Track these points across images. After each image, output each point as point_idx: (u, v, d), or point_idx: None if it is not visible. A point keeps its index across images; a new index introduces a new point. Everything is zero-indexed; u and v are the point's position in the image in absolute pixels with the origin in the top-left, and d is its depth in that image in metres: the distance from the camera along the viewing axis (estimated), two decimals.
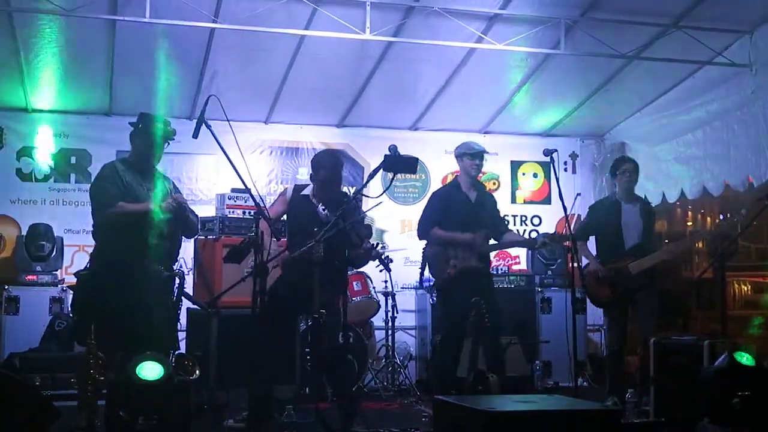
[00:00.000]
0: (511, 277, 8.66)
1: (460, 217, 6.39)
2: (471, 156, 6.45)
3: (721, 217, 6.24)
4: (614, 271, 6.59)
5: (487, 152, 6.58)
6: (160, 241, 5.24)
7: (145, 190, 5.32)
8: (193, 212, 5.64)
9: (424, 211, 6.62)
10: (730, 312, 8.03)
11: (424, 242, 6.54)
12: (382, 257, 5.75)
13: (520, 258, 9.25)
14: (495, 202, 6.73)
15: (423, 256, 6.56)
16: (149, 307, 5.13)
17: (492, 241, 6.48)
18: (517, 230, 8.97)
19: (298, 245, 5.44)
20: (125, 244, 5.18)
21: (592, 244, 7.05)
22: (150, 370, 4.53)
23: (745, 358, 5.19)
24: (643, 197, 7.29)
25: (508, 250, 8.86)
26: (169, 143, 5.51)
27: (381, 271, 6.28)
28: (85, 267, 5.56)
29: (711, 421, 5.15)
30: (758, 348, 5.32)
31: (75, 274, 5.44)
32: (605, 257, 6.71)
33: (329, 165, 5.83)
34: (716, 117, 7.67)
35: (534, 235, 8.97)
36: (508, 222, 6.67)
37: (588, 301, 8.80)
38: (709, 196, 8.06)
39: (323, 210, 5.76)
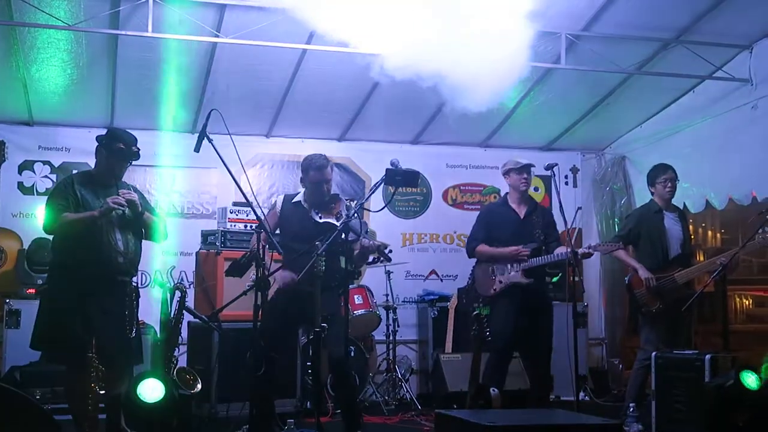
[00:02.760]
0: None
1: (508, 233, 6.41)
2: (518, 171, 6.45)
3: (761, 230, 6.17)
4: (663, 281, 6.47)
5: (533, 165, 6.52)
6: (117, 249, 5.17)
7: (102, 203, 5.17)
8: (153, 212, 5.52)
9: (472, 228, 6.65)
10: (732, 326, 8.03)
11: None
12: (381, 248, 5.64)
13: None
14: (547, 216, 6.65)
15: (471, 274, 6.58)
16: (112, 320, 5.10)
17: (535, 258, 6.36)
18: None
19: (294, 254, 5.42)
20: (80, 255, 5.11)
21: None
22: (151, 391, 4.52)
23: (750, 379, 5.14)
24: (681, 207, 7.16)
25: None
26: (130, 164, 5.37)
27: (382, 261, 6.13)
28: (45, 282, 5.50)
29: None
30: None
31: (37, 290, 5.36)
32: (649, 267, 6.54)
33: (317, 165, 5.74)
34: (717, 131, 7.69)
35: None
36: (559, 236, 6.59)
37: (589, 314, 8.91)
38: (711, 209, 8.07)
39: (317, 214, 5.72)
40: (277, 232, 5.83)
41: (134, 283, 5.35)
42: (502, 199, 6.73)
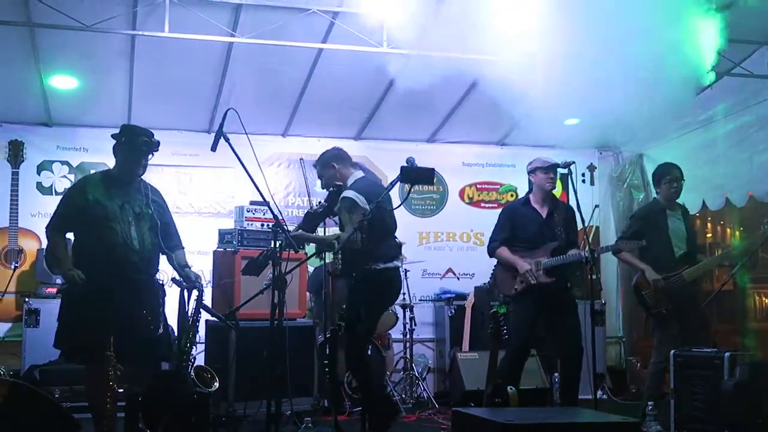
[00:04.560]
0: None
1: (530, 233, 6.35)
2: (544, 170, 6.37)
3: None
4: (671, 281, 6.45)
5: (560, 165, 6.41)
6: (132, 248, 5.18)
7: (118, 204, 5.19)
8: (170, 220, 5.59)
9: (493, 228, 6.58)
10: (751, 324, 7.97)
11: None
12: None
13: None
14: (570, 215, 6.53)
15: (492, 273, 6.53)
16: (130, 318, 5.09)
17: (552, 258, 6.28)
18: None
19: None
20: (96, 255, 5.15)
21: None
22: None
23: None
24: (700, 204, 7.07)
25: None
26: (152, 155, 5.34)
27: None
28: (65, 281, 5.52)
29: None
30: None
31: (58, 290, 5.40)
32: (656, 267, 6.51)
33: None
34: (736, 127, 7.65)
35: None
36: (576, 238, 6.54)
37: (606, 312, 8.86)
38: (731, 207, 8.02)
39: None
40: (299, 231, 5.88)
41: (160, 281, 5.35)
42: (524, 199, 6.66)
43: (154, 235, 5.33)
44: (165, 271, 5.44)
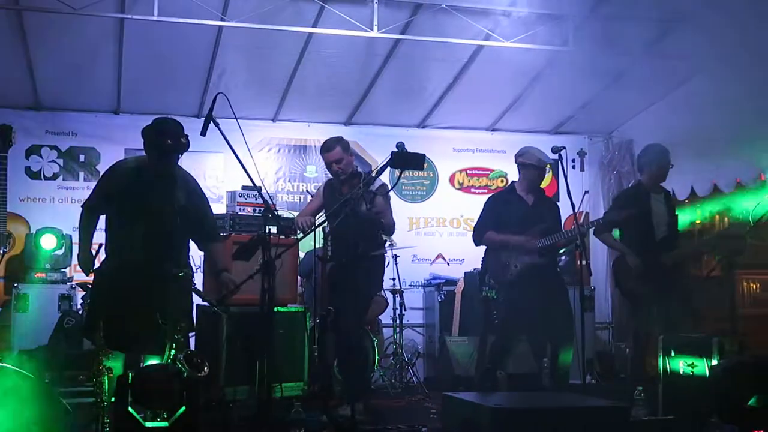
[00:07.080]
0: None
1: (517, 220, 6.35)
2: (537, 168, 6.41)
3: None
4: (648, 264, 6.44)
5: (551, 161, 6.45)
6: (162, 238, 5.14)
7: (137, 197, 5.13)
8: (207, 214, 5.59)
9: (478, 217, 6.58)
10: (739, 310, 8.00)
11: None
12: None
13: None
14: (555, 206, 6.65)
15: (482, 262, 6.53)
16: (157, 307, 5.00)
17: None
18: None
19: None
20: (129, 242, 5.12)
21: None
22: None
23: None
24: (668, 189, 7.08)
25: None
26: (180, 156, 5.29)
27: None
28: (101, 263, 5.49)
29: (720, 419, 5.15)
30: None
31: (94, 270, 5.38)
32: (635, 249, 6.51)
33: (324, 147, 6.23)
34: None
35: None
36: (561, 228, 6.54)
37: (596, 298, 8.89)
38: (719, 193, 8.04)
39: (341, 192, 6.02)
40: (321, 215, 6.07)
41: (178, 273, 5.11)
42: (509, 187, 6.67)
43: (176, 230, 5.24)
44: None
